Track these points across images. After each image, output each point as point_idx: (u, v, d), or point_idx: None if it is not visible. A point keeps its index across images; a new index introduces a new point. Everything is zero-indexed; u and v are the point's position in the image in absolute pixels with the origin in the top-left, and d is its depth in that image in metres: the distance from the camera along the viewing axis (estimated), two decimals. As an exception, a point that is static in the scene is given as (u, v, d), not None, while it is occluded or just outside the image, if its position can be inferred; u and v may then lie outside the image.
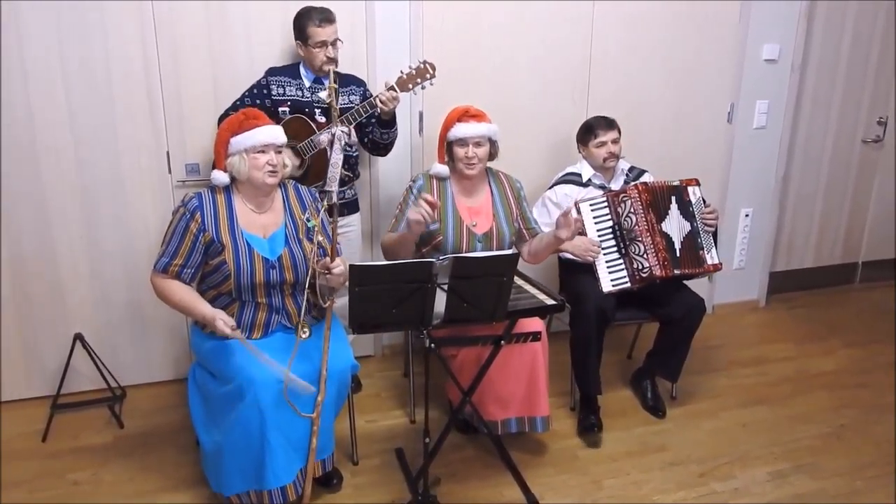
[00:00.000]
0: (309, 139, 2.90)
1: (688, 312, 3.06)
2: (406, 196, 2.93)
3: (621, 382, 3.45)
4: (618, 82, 3.71)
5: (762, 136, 4.10)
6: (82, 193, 3.10)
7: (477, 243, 2.90)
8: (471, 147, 2.83)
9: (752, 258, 4.33)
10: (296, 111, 2.95)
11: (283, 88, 2.97)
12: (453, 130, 2.85)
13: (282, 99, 2.95)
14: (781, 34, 3.94)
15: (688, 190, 3.14)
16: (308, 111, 2.96)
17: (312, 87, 2.99)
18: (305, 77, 3.00)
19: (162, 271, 2.49)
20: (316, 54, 2.91)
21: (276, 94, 2.95)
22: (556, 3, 3.50)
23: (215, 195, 2.53)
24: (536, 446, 2.95)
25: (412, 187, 2.93)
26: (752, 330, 4.14)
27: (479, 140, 2.85)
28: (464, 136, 2.83)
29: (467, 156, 2.84)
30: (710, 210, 3.14)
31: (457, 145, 2.86)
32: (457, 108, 2.91)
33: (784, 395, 3.38)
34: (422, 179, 2.94)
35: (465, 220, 2.90)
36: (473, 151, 2.84)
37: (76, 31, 2.93)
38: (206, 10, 3.06)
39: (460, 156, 2.85)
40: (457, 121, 2.85)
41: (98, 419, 3.12)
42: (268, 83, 2.97)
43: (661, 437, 3.06)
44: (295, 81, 2.99)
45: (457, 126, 2.84)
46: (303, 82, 2.99)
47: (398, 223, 2.90)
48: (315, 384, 2.43)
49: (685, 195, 3.13)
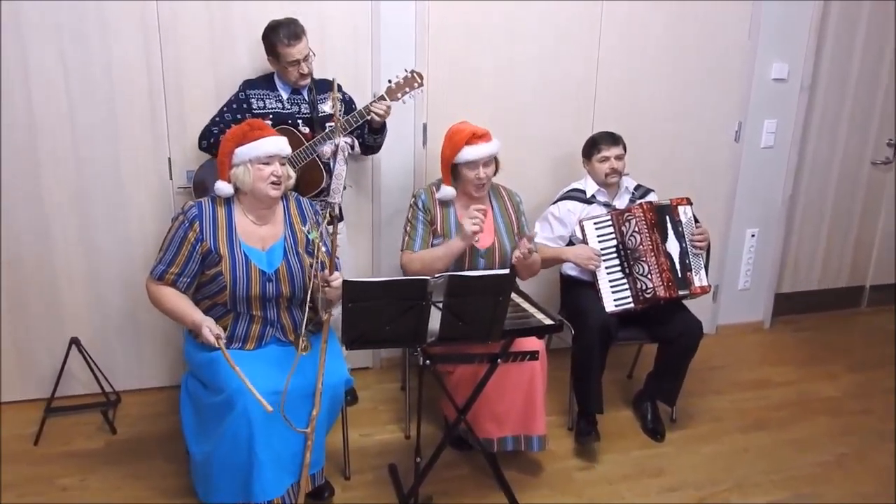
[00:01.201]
0: (302, 149, 2.87)
1: (684, 334, 3.01)
2: (413, 212, 2.90)
3: (621, 402, 3.41)
4: (623, 98, 3.68)
5: (770, 155, 4.05)
6: (81, 197, 3.09)
7: (479, 259, 2.87)
8: (481, 168, 2.81)
9: (757, 279, 4.28)
10: (278, 123, 2.90)
11: (262, 101, 2.93)
12: (462, 153, 2.80)
13: (263, 112, 2.90)
14: (791, 53, 3.90)
15: (678, 209, 3.09)
16: (291, 122, 2.93)
17: (291, 99, 2.96)
18: (282, 89, 2.96)
19: (158, 278, 2.48)
20: (290, 72, 2.88)
21: (256, 107, 2.91)
22: (561, 18, 3.48)
23: (215, 205, 2.51)
24: (532, 466, 2.91)
25: (416, 202, 2.90)
26: (756, 352, 4.08)
27: (487, 160, 2.82)
28: (475, 158, 2.79)
29: (478, 177, 2.81)
30: (700, 231, 3.09)
31: (466, 168, 2.82)
32: (461, 130, 2.85)
33: (785, 420, 3.33)
34: (424, 194, 2.91)
35: None
36: (484, 172, 2.81)
37: (78, 36, 2.93)
38: (210, 15, 3.04)
39: (471, 178, 2.82)
40: (465, 143, 2.80)
41: (91, 424, 3.11)
42: (247, 97, 2.93)
43: (659, 460, 3.02)
44: (273, 94, 2.95)
45: (466, 149, 2.79)
46: (280, 94, 2.96)
47: (413, 241, 2.86)
48: (309, 398, 2.40)
49: (675, 214, 3.08)
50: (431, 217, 2.88)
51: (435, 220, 2.88)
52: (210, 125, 2.91)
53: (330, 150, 2.77)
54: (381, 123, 2.95)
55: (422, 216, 2.87)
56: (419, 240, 2.86)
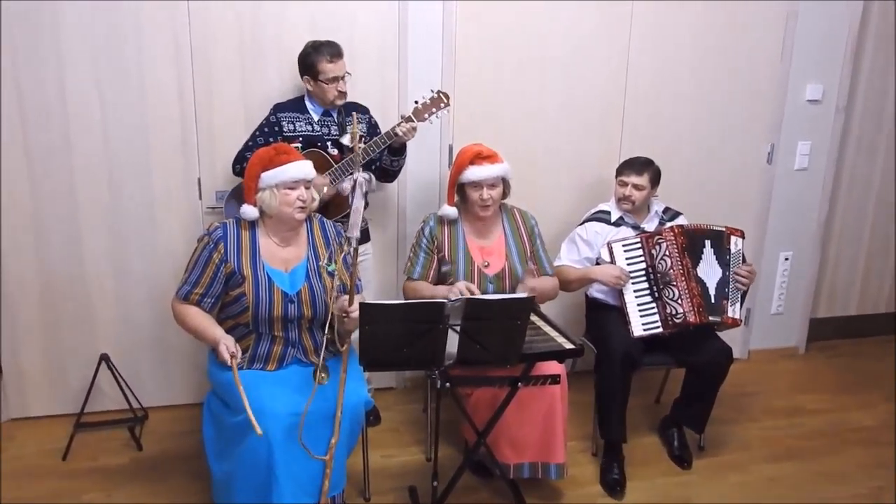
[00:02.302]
0: (335, 168, 2.90)
1: (713, 360, 2.95)
2: (419, 237, 2.92)
3: (647, 428, 3.35)
4: (652, 120, 3.65)
5: (804, 177, 3.97)
6: (113, 216, 3.16)
7: (488, 284, 2.86)
8: (485, 189, 2.80)
9: (791, 303, 4.18)
10: (308, 146, 2.94)
11: (293, 125, 2.97)
12: (466, 173, 2.80)
13: (294, 135, 2.94)
14: (826, 74, 3.83)
15: (731, 239, 3.05)
16: (320, 145, 2.96)
17: (322, 121, 2.99)
18: (313, 111, 3.00)
19: (183, 298, 2.52)
20: (328, 90, 2.92)
21: (287, 130, 2.95)
22: (589, 40, 3.47)
23: (240, 227, 2.55)
24: (554, 493, 2.87)
25: (424, 229, 2.91)
26: (789, 378, 3.98)
27: (493, 182, 2.81)
28: (478, 178, 2.78)
29: (482, 198, 2.80)
30: (749, 268, 3.04)
31: (470, 188, 2.82)
32: (468, 150, 2.86)
33: (817, 451, 3.23)
34: (433, 220, 2.92)
35: (476, 261, 2.87)
36: (488, 193, 2.80)
37: (114, 60, 3.01)
38: (241, 38, 3.11)
39: (474, 198, 2.81)
40: (469, 163, 2.80)
41: (118, 440, 3.15)
42: (278, 120, 2.96)
43: (685, 489, 2.95)
44: (304, 116, 2.99)
45: (470, 169, 2.79)
46: (311, 116, 3.00)
47: (414, 267, 2.89)
48: (330, 420, 2.40)
49: (726, 242, 3.04)
50: (438, 245, 2.89)
51: (442, 247, 2.89)
52: (243, 150, 2.96)
53: (349, 185, 2.80)
54: (401, 144, 2.96)
55: (425, 244, 2.89)
56: (419, 267, 2.89)
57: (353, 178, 2.62)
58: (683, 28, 3.57)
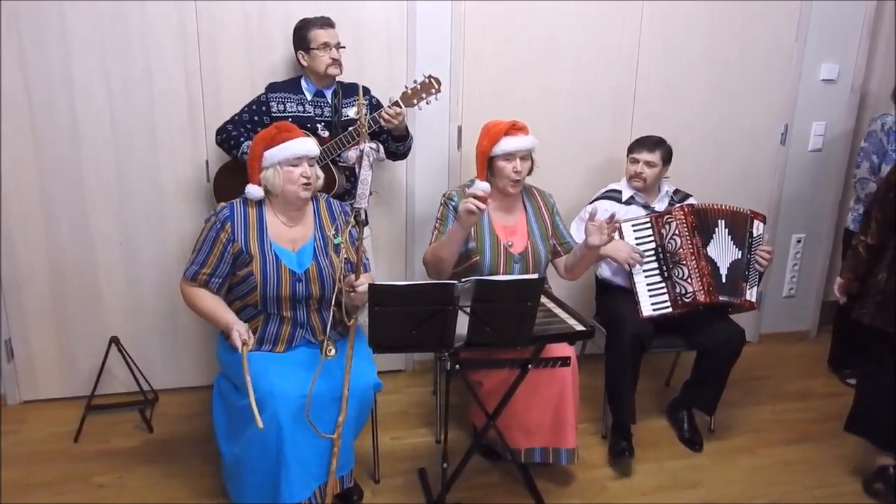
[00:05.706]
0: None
1: (725, 343, 2.93)
2: (444, 211, 2.83)
3: (657, 411, 3.33)
4: (664, 100, 3.61)
5: (818, 158, 3.92)
6: (121, 200, 3.16)
7: (514, 264, 2.81)
8: (518, 161, 2.74)
9: (803, 286, 4.14)
10: (298, 127, 2.91)
11: (283, 105, 2.93)
12: (501, 144, 2.72)
13: (281, 116, 2.90)
14: (841, 53, 3.77)
15: (754, 222, 3.03)
16: (310, 126, 2.92)
17: (315, 101, 2.96)
18: (307, 90, 2.96)
19: (191, 279, 2.51)
20: (320, 58, 2.87)
21: (276, 111, 2.92)
22: (601, 18, 3.43)
23: (247, 206, 2.53)
24: (564, 476, 2.86)
25: (447, 203, 2.83)
26: (800, 362, 3.95)
27: (524, 154, 2.77)
28: (513, 150, 2.72)
29: (515, 170, 2.73)
30: (768, 249, 3.03)
31: (503, 160, 2.74)
32: (499, 122, 2.78)
33: (830, 434, 3.20)
34: (457, 197, 2.83)
35: (501, 240, 2.83)
36: (522, 165, 2.75)
37: (120, 44, 3.00)
38: (247, 21, 3.08)
39: (507, 171, 2.74)
40: (504, 134, 2.73)
41: (129, 422, 3.16)
42: (267, 100, 2.94)
43: (695, 472, 2.93)
44: (296, 97, 2.95)
45: (504, 140, 2.72)
46: (304, 96, 2.96)
47: (440, 237, 2.80)
48: (337, 403, 2.40)
49: (749, 226, 3.01)
50: None
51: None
52: (227, 122, 2.95)
53: (355, 155, 2.76)
54: (400, 130, 2.92)
55: (452, 217, 2.79)
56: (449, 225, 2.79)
57: (359, 149, 2.59)
58: (696, 7, 3.52)
